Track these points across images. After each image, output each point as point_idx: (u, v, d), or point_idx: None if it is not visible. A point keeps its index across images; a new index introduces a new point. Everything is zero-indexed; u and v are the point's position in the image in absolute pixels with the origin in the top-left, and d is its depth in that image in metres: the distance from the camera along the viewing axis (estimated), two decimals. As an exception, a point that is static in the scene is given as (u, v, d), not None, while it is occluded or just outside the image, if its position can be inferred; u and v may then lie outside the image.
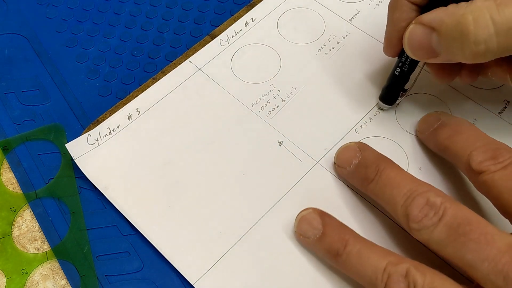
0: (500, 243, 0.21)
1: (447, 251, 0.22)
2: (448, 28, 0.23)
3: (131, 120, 0.31)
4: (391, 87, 0.29)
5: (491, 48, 0.22)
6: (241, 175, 0.29)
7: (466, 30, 0.22)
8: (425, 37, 0.24)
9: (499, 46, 0.22)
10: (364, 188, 0.27)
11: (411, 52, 0.26)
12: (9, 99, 0.33)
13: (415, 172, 0.29)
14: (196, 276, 0.26)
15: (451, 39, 0.23)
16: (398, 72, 0.28)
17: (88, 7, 0.38)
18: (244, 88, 0.32)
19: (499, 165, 0.23)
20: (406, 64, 0.28)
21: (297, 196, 0.28)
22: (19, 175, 0.31)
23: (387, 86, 0.30)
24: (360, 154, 0.27)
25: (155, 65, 0.35)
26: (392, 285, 0.22)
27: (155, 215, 0.28)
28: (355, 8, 0.36)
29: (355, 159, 0.27)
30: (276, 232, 0.27)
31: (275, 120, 0.31)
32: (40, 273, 0.28)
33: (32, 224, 0.29)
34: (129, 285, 0.27)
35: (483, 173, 0.23)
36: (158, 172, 0.29)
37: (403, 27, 0.26)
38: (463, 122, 0.27)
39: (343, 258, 0.24)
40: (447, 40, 0.23)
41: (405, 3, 0.25)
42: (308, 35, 0.35)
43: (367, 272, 0.23)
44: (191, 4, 0.38)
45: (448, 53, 0.24)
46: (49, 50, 0.36)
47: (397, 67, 0.28)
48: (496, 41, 0.21)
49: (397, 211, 0.24)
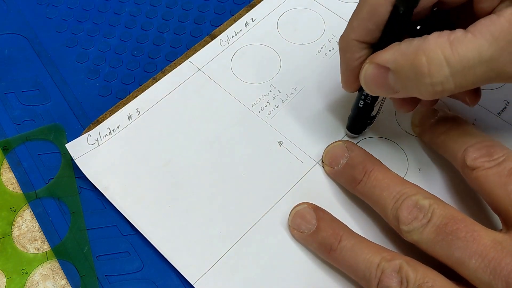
0: (486, 239, 0.21)
1: (437, 250, 0.22)
2: (403, 69, 0.22)
3: (131, 120, 0.31)
4: (357, 118, 0.29)
5: (448, 88, 0.21)
6: (241, 175, 0.29)
7: (421, 72, 0.21)
8: (381, 76, 0.24)
9: (456, 85, 0.21)
10: (352, 188, 0.27)
11: (370, 91, 0.25)
12: (9, 99, 0.33)
13: (415, 173, 0.29)
14: (196, 276, 0.26)
15: (407, 79, 0.22)
16: (361, 105, 0.27)
17: (88, 7, 0.38)
18: (244, 88, 0.32)
19: (493, 162, 0.23)
20: (368, 97, 0.27)
21: (297, 197, 0.28)
22: (19, 175, 0.31)
23: (353, 117, 0.29)
24: (348, 154, 0.27)
25: (155, 65, 0.35)
26: (385, 280, 0.22)
27: (155, 215, 0.28)
28: (355, 8, 0.35)
29: (343, 158, 0.27)
30: (276, 232, 0.27)
31: (275, 120, 0.31)
32: (40, 273, 0.28)
33: (32, 224, 0.29)
34: (129, 285, 0.27)
35: (477, 169, 0.24)
36: (158, 172, 0.30)
37: (357, 66, 0.25)
38: (459, 119, 0.27)
39: (336, 253, 0.24)
40: (403, 81, 0.23)
41: (354, 43, 0.25)
42: (308, 35, 0.35)
43: (361, 267, 0.23)
44: (191, 4, 0.38)
45: (406, 91, 0.23)
46: (49, 50, 0.36)
47: (360, 100, 0.27)
48: (453, 82, 0.21)
49: (387, 214, 0.24)
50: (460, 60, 0.20)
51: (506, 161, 0.23)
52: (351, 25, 0.24)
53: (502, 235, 0.22)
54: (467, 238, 0.22)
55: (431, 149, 0.29)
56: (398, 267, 0.22)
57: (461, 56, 0.20)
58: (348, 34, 0.25)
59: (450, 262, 0.22)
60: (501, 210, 0.23)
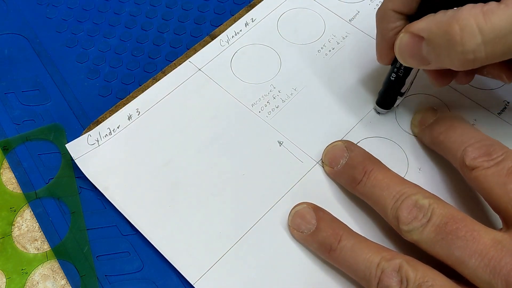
0: (486, 238, 0.21)
1: (437, 250, 0.22)
2: (436, 38, 0.23)
3: (131, 120, 0.31)
4: (387, 92, 0.29)
5: (480, 57, 0.22)
6: (241, 175, 0.29)
7: (453, 40, 0.22)
8: (415, 46, 0.24)
9: (487, 54, 0.21)
10: (352, 188, 0.27)
11: (403, 61, 0.26)
12: (9, 99, 0.33)
13: (415, 172, 0.29)
14: (196, 276, 0.26)
15: (440, 48, 0.23)
16: (394, 78, 0.28)
17: (88, 7, 0.38)
18: (244, 88, 0.32)
19: (492, 161, 0.24)
20: (401, 69, 0.27)
21: (297, 196, 0.28)
22: (19, 175, 0.31)
23: (384, 91, 0.29)
24: (348, 154, 0.27)
25: (155, 65, 0.35)
26: (385, 279, 0.22)
27: (155, 215, 0.28)
28: (355, 8, 0.36)
29: (342, 159, 0.28)
30: (276, 232, 0.27)
31: (275, 121, 0.31)
32: (40, 273, 0.28)
33: (32, 224, 0.29)
34: (129, 285, 0.27)
35: (476, 169, 0.24)
36: (158, 172, 0.30)
37: (392, 37, 0.26)
38: (458, 118, 0.27)
39: (336, 253, 0.24)
40: (436, 49, 0.23)
41: (391, 13, 0.25)
42: (308, 35, 0.35)
43: (361, 267, 0.23)
44: (191, 4, 0.38)
45: (439, 61, 0.23)
46: (49, 50, 0.36)
47: (392, 73, 0.28)
48: (484, 50, 0.21)
49: (387, 213, 0.24)
50: (492, 29, 0.21)
51: (505, 161, 0.23)
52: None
53: (502, 234, 0.22)
54: (466, 237, 0.22)
55: (431, 149, 0.29)
56: (398, 267, 0.22)
57: (493, 25, 0.21)
58: (386, 4, 0.25)
59: (450, 261, 0.22)
60: (501, 209, 0.23)
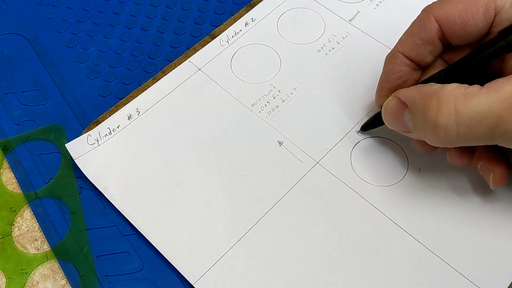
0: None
1: None
2: (416, 108, 0.23)
3: (131, 120, 0.31)
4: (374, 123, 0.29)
5: (451, 135, 0.22)
6: (241, 175, 0.29)
7: (429, 114, 0.22)
8: (399, 112, 0.25)
9: (460, 135, 0.22)
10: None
11: (388, 124, 0.26)
12: (9, 99, 0.33)
13: (415, 172, 0.29)
14: (196, 276, 0.26)
15: (417, 118, 0.23)
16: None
17: (88, 7, 0.38)
18: (244, 88, 0.32)
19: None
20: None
21: (297, 196, 0.28)
22: (19, 175, 0.31)
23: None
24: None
25: (155, 65, 0.35)
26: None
27: (155, 215, 0.28)
28: (355, 8, 0.36)
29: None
30: (276, 232, 0.27)
31: (275, 120, 0.31)
32: (40, 273, 0.28)
33: (32, 224, 0.29)
34: (129, 285, 0.27)
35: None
36: (158, 172, 0.30)
37: (394, 80, 0.26)
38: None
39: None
40: (415, 119, 0.24)
41: (400, 57, 0.26)
42: (308, 35, 0.35)
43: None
44: (191, 4, 0.38)
45: (416, 131, 0.24)
46: (49, 50, 0.36)
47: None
48: (456, 130, 0.22)
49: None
50: (468, 111, 0.21)
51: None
52: (400, 39, 0.26)
53: None
54: None
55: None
56: None
57: (471, 108, 0.21)
58: (397, 47, 0.26)
59: None
60: None
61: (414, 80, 0.27)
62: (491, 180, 0.25)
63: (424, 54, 0.26)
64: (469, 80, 0.23)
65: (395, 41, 0.26)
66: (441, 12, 0.24)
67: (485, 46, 0.23)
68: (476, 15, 0.23)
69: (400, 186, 0.28)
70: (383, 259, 0.26)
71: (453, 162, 0.26)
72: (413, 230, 0.27)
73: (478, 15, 0.23)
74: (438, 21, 0.24)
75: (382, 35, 0.34)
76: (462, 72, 0.24)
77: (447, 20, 0.24)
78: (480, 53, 0.23)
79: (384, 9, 0.35)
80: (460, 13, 0.24)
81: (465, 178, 0.28)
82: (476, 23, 0.24)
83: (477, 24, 0.24)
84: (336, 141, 0.30)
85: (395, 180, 0.28)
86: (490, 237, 0.26)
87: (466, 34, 0.24)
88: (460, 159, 0.26)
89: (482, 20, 0.23)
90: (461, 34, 0.24)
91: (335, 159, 0.29)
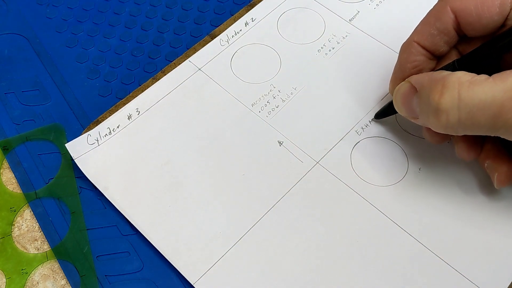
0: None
1: None
2: (423, 92, 0.23)
3: (131, 120, 0.31)
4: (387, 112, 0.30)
5: (452, 120, 0.22)
6: (241, 175, 0.29)
7: (433, 97, 0.22)
8: (409, 96, 0.25)
9: (460, 121, 0.22)
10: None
11: (397, 108, 0.26)
12: (9, 99, 0.33)
13: (415, 172, 0.29)
14: (196, 276, 0.26)
15: (423, 103, 0.23)
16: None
17: (88, 7, 0.38)
18: (244, 88, 0.32)
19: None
20: None
21: (297, 196, 0.28)
22: (19, 175, 0.31)
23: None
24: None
25: (155, 65, 0.35)
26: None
27: (155, 215, 0.28)
28: (355, 8, 0.36)
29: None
30: (276, 232, 0.27)
31: (275, 120, 0.31)
32: (40, 273, 0.28)
33: (32, 224, 0.29)
34: (129, 285, 0.27)
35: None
36: (158, 172, 0.29)
37: (409, 69, 0.26)
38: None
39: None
40: (421, 104, 0.24)
41: (415, 46, 0.26)
42: (308, 35, 0.35)
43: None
44: (191, 4, 0.38)
45: (422, 116, 0.24)
46: (49, 50, 0.36)
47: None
48: (458, 115, 0.22)
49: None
50: (471, 98, 0.21)
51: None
52: (416, 29, 0.26)
53: None
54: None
55: (431, 149, 0.29)
56: None
57: (474, 95, 0.21)
58: (412, 36, 0.26)
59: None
60: None
61: (429, 69, 0.27)
62: (495, 179, 0.25)
63: (439, 44, 0.26)
64: (481, 71, 0.23)
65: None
66: (458, 3, 0.24)
67: (498, 39, 0.23)
68: (492, 8, 0.24)
69: (400, 186, 0.28)
70: (383, 259, 0.26)
71: (461, 156, 0.26)
72: (413, 230, 0.27)
73: (494, 8, 0.24)
74: (454, 12, 0.24)
75: (382, 35, 0.34)
76: (475, 62, 0.24)
77: (463, 11, 0.24)
78: (493, 46, 0.23)
79: (384, 9, 0.35)
80: (476, 5, 0.24)
81: (465, 178, 0.28)
82: (491, 16, 0.24)
83: (492, 16, 0.24)
84: (336, 141, 0.30)
85: (395, 180, 0.28)
86: (490, 237, 0.26)
87: (480, 26, 0.24)
88: (468, 153, 0.26)
89: (498, 13, 0.24)
90: (476, 26, 0.24)
91: (335, 159, 0.29)
